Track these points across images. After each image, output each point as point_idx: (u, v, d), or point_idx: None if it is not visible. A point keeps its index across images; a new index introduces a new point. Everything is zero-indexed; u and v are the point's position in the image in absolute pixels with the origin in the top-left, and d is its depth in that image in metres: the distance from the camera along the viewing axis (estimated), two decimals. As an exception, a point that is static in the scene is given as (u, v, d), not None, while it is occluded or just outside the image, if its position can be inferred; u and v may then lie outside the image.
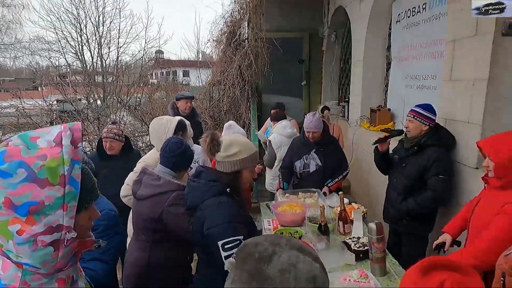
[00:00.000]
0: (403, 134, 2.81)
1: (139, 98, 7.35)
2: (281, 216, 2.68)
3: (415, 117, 2.62)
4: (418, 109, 2.63)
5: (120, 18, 13.13)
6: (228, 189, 1.76)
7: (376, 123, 4.35)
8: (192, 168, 2.37)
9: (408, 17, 3.96)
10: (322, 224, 2.39)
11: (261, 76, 6.11)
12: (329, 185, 3.32)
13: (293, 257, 0.70)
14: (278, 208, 2.77)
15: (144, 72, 8.82)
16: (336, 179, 3.35)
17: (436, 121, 2.67)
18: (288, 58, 7.01)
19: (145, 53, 11.85)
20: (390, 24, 4.47)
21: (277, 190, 3.48)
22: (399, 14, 4.18)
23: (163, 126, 2.51)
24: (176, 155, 2.03)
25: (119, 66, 12.43)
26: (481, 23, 2.35)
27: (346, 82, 6.22)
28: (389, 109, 4.38)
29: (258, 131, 5.15)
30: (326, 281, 0.73)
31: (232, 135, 2.71)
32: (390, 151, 2.94)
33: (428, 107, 2.63)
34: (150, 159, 2.48)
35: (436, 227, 2.82)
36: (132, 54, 12.80)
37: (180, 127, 2.57)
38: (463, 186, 2.62)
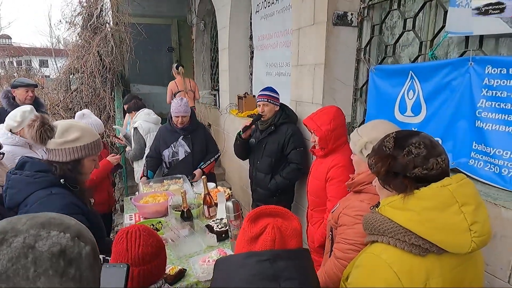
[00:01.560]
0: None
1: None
2: (143, 208, 2.52)
3: (269, 101, 2.81)
4: (268, 93, 2.83)
5: None
6: (62, 180, 1.52)
7: (243, 109, 4.52)
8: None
9: (265, 7, 4.20)
10: (185, 210, 2.34)
11: (125, 64, 5.66)
12: (202, 167, 3.28)
13: (31, 237, 0.59)
14: (140, 200, 2.60)
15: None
16: (209, 161, 3.32)
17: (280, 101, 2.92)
18: (157, 46, 6.71)
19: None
20: (251, 14, 4.67)
21: (140, 179, 3.26)
22: (258, 5, 4.39)
23: None
24: None
25: None
26: (317, 14, 2.62)
27: (217, 71, 6.29)
28: (254, 96, 4.60)
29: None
30: (83, 248, 0.64)
31: (68, 120, 2.38)
32: None
33: (273, 90, 2.89)
34: None
35: (294, 197, 3.12)
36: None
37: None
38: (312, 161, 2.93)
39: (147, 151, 3.61)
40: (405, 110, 2.19)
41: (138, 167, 3.75)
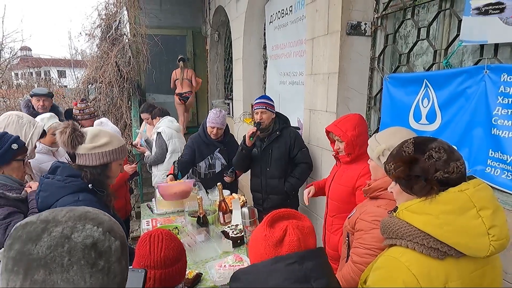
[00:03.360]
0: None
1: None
2: (168, 189, 2.61)
3: (267, 108, 2.88)
4: (265, 101, 2.91)
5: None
6: (90, 185, 1.59)
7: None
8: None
9: (279, 18, 4.27)
10: (201, 216, 2.39)
11: (142, 73, 5.82)
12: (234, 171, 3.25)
13: (68, 228, 0.65)
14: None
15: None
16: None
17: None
18: (172, 56, 6.84)
19: (2, 48, 10.00)
20: (265, 24, 4.76)
21: (167, 176, 3.09)
22: (271, 16, 4.48)
23: (23, 129, 2.10)
24: None
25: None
26: (331, 23, 2.67)
27: (230, 80, 6.40)
28: (268, 104, 4.66)
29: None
30: (113, 243, 0.69)
31: (96, 126, 2.48)
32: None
33: (269, 97, 2.99)
34: None
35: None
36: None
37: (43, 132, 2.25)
38: (324, 166, 2.93)
39: (168, 156, 3.68)
40: (419, 118, 2.20)
41: (158, 171, 3.82)
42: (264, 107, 2.87)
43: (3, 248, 0.66)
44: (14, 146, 1.78)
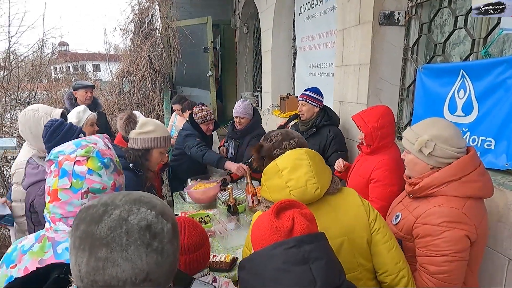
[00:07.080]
0: (298, 118, 2.95)
1: (34, 92, 6.43)
2: (194, 193, 2.69)
3: (307, 100, 2.79)
4: (308, 93, 2.81)
5: (9, 2, 11.40)
6: (131, 165, 1.83)
7: (285, 110, 4.59)
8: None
9: (309, 9, 4.24)
10: (231, 205, 2.46)
11: (173, 66, 5.95)
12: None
13: (125, 211, 0.71)
14: (191, 188, 2.78)
15: (38, 63, 7.71)
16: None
17: (323, 103, 2.86)
18: (195, 48, 6.90)
19: (44, 43, 10.54)
20: (294, 16, 4.73)
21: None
22: (301, 7, 4.45)
23: (41, 121, 2.22)
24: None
25: (11, 58, 10.80)
26: (363, 14, 2.63)
27: (259, 72, 6.42)
28: (297, 96, 4.65)
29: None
30: (165, 225, 0.74)
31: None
32: None
33: (316, 90, 2.83)
34: (22, 163, 2.02)
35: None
36: (28, 45, 11.24)
37: (65, 119, 2.37)
38: (354, 158, 2.91)
39: None
40: (455, 109, 2.14)
41: None
42: (305, 99, 2.80)
43: (70, 228, 0.74)
44: (81, 136, 1.92)
